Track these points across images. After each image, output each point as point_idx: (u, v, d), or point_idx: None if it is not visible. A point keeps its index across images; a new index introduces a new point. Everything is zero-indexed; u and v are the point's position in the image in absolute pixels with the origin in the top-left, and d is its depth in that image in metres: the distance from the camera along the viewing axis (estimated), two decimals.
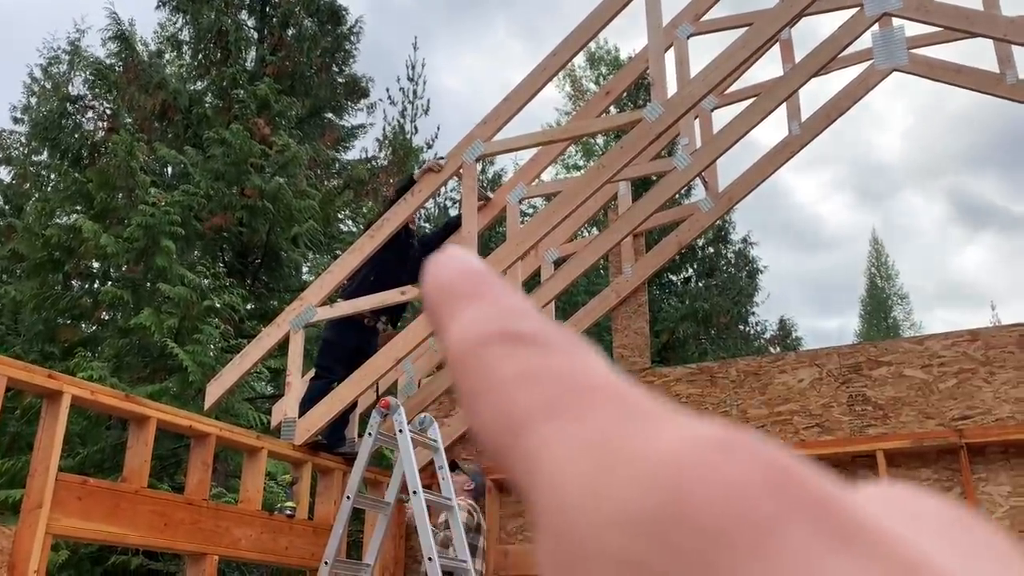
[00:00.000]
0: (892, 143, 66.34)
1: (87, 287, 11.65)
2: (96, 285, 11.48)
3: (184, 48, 14.66)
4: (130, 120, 12.97)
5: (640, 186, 10.36)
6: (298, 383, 5.79)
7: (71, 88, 15.50)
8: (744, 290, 19.78)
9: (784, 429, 6.04)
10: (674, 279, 19.43)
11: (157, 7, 13.93)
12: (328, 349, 6.20)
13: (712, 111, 6.81)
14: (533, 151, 6.52)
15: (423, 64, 20.44)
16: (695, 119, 6.51)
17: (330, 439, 5.93)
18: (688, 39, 6.16)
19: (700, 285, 19.15)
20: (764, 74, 7.15)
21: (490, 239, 15.08)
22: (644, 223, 6.55)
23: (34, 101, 19.37)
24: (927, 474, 5.54)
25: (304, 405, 5.75)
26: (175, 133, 13.21)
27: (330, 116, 15.15)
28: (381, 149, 17.71)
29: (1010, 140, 67.82)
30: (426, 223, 16.16)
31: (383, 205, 7.13)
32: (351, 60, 15.27)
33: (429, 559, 4.31)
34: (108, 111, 13.83)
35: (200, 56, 14.14)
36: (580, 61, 23.91)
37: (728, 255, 20.32)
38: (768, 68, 7.25)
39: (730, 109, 6.92)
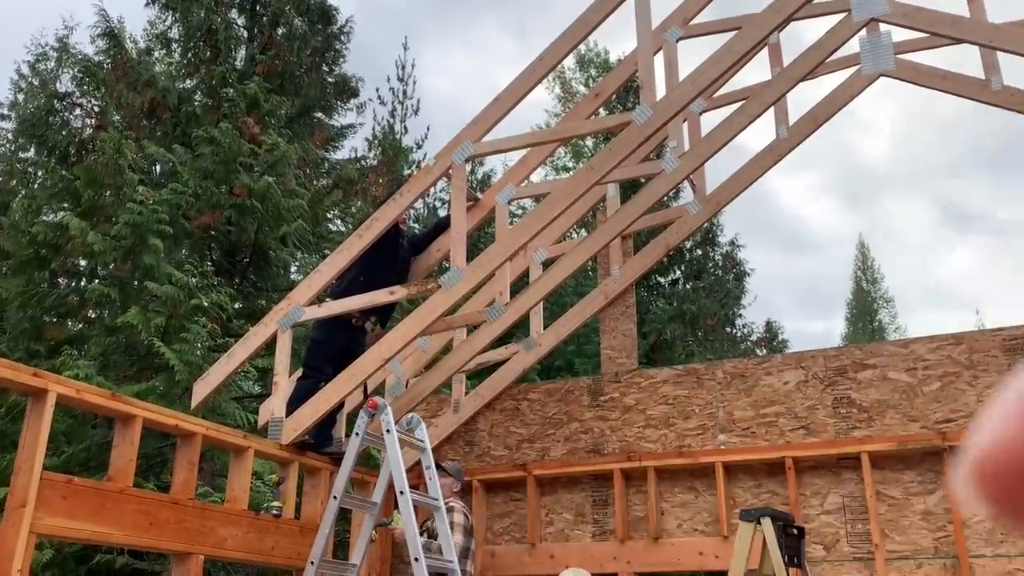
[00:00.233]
0: (879, 147, 66.62)
1: (74, 285, 11.58)
2: (83, 283, 11.41)
3: (173, 46, 14.59)
4: (118, 118, 12.90)
5: (629, 188, 10.40)
6: (285, 383, 5.78)
7: (59, 85, 15.43)
8: (731, 292, 19.85)
9: (770, 431, 6.08)
10: (662, 281, 19.48)
11: (146, 4, 13.85)
12: (316, 349, 6.19)
13: (700, 114, 6.84)
14: (522, 152, 6.53)
15: (413, 64, 20.46)
16: (683, 122, 6.54)
17: (317, 439, 5.93)
18: (677, 42, 6.19)
19: (688, 287, 19.20)
20: (752, 78, 7.19)
21: (479, 240, 15.08)
22: (632, 225, 6.58)
23: (21, 98, 19.30)
24: (911, 476, 5.59)
25: (291, 405, 5.74)
26: (164, 131, 13.14)
27: (320, 116, 15.12)
28: (371, 149, 17.69)
29: (995, 146, 68.33)
30: (415, 223, 16.15)
31: (373, 206, 7.12)
32: (341, 60, 15.26)
33: (415, 560, 4.32)
34: (96, 108, 13.76)
35: (189, 54, 14.07)
36: (570, 63, 23.94)
37: (716, 257, 20.39)
38: (756, 72, 7.29)
39: (718, 112, 6.96)
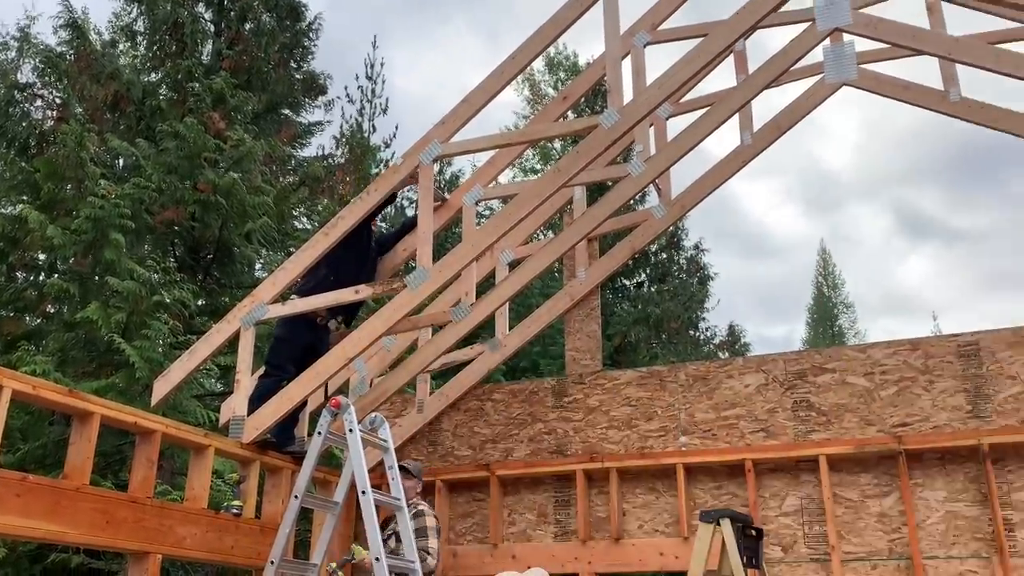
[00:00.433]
0: (841, 155, 67.60)
1: (32, 279, 11.37)
2: (42, 277, 11.21)
3: (138, 39, 14.39)
4: (81, 110, 12.67)
5: (595, 191, 10.44)
6: (247, 381, 5.73)
7: (19, 76, 15.10)
8: (695, 296, 20.03)
9: (731, 433, 6.15)
10: (627, 284, 19.61)
11: None
12: (279, 346, 6.14)
13: (667, 119, 6.91)
14: (491, 153, 6.54)
15: (382, 63, 20.35)
16: (650, 126, 6.59)
17: (279, 438, 5.88)
18: (645, 47, 6.23)
19: (652, 290, 19.36)
20: (718, 84, 7.27)
21: (446, 240, 15.07)
22: (598, 228, 6.62)
23: None
24: (867, 479, 5.69)
25: (253, 403, 5.70)
26: (127, 125, 12.95)
27: (287, 112, 15.00)
28: (338, 147, 17.60)
29: (952, 156, 69.72)
30: (382, 223, 16.09)
31: (340, 204, 7.08)
32: (310, 57, 15.16)
33: (376, 559, 4.31)
34: (58, 100, 13.50)
35: (155, 48, 13.88)
36: (539, 65, 24.01)
37: (680, 261, 20.57)
38: (722, 79, 7.37)
39: (685, 118, 7.03)
